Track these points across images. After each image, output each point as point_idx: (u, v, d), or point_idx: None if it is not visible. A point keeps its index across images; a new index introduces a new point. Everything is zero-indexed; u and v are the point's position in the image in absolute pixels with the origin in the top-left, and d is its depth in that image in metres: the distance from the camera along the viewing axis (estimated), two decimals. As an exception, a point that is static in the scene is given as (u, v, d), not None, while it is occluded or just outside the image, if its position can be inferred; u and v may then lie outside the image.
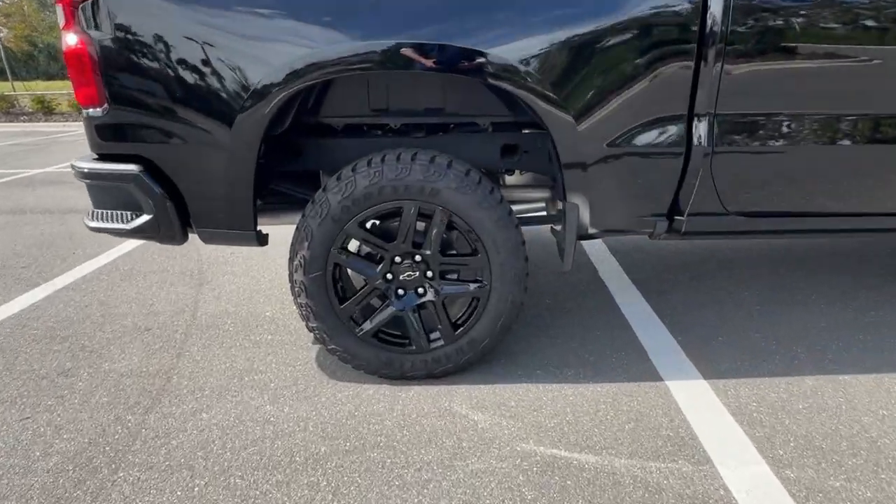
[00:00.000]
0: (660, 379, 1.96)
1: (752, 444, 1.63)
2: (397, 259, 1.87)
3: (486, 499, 1.45)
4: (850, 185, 1.86)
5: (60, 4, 1.69)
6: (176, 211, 1.82)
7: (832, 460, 1.56)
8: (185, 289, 2.89)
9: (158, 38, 1.64)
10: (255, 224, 1.87)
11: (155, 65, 1.66)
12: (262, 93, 1.67)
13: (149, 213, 1.83)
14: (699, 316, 2.43)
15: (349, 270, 1.97)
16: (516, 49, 1.64)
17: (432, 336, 1.95)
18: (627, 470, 1.54)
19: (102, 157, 1.84)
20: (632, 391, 1.90)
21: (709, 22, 1.62)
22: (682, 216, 1.90)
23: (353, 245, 1.91)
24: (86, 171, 1.82)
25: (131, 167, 1.77)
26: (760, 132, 1.76)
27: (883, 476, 1.50)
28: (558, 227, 2.01)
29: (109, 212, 1.89)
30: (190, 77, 1.68)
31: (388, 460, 1.60)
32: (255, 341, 2.32)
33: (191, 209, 1.84)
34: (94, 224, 1.91)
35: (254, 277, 3.02)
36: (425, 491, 1.48)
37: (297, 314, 2.07)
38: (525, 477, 1.52)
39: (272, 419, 1.79)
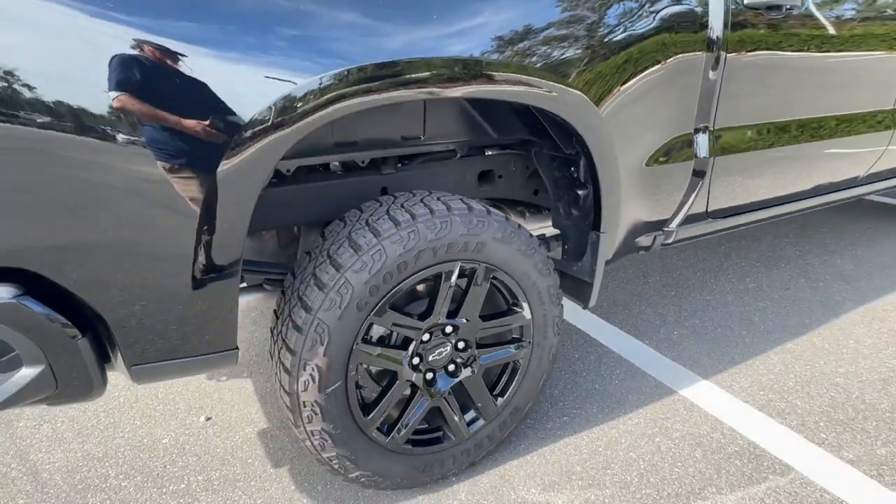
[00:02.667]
0: (674, 391, 1.95)
1: (801, 436, 1.72)
2: (424, 337, 1.44)
3: None
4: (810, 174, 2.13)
5: None
6: (93, 348, 1.06)
7: (855, 427, 1.75)
8: (-17, 438, 1.82)
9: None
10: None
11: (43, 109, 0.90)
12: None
13: (35, 365, 1.03)
14: (649, 315, 2.51)
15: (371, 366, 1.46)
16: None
17: (467, 417, 1.57)
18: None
19: None
20: (666, 414, 1.84)
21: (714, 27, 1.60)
22: (672, 226, 1.89)
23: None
24: None
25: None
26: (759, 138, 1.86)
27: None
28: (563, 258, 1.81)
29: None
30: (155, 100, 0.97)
31: None
32: None
33: (120, 340, 1.09)
34: None
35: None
36: None
37: (307, 442, 1.46)
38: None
39: None
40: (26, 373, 1.02)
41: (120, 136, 0.95)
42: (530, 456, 1.67)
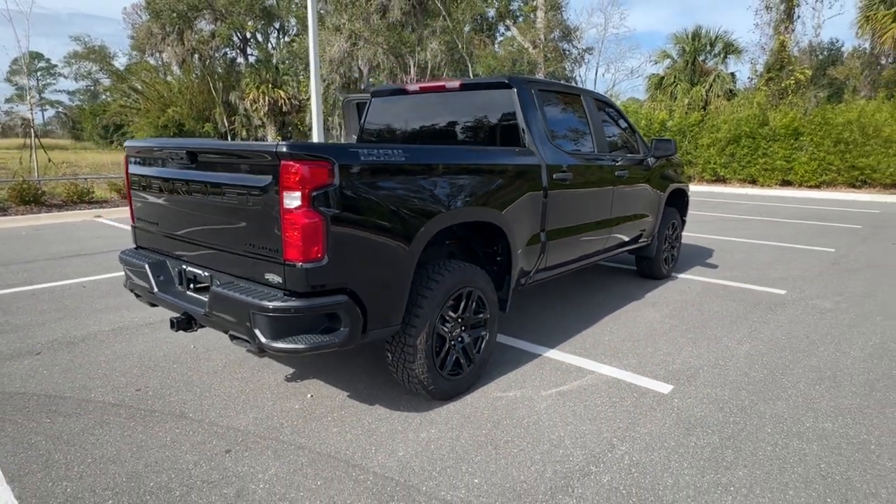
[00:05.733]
0: (539, 354, 3.98)
1: (595, 361, 3.86)
2: (452, 323, 3.24)
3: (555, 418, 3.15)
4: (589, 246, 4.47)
5: (298, 192, 2.38)
6: (363, 321, 2.67)
7: (616, 355, 3.96)
8: None
9: (377, 205, 2.62)
10: (397, 314, 2.91)
11: (369, 221, 2.60)
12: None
13: (345, 328, 2.60)
14: (515, 327, 4.54)
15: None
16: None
17: (466, 363, 3.36)
18: (584, 388, 3.50)
19: (305, 294, 2.49)
20: (540, 362, 3.85)
21: (544, 183, 3.81)
22: (532, 274, 4.00)
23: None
24: (301, 305, 2.45)
25: (341, 297, 2.55)
26: (562, 233, 4.10)
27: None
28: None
29: (306, 335, 2.52)
30: (393, 222, 2.71)
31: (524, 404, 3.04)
32: (332, 420, 3.04)
33: (370, 316, 2.70)
34: (289, 346, 2.48)
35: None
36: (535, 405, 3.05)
37: (405, 379, 3.06)
38: (578, 402, 3.28)
39: (438, 436, 2.87)
40: (343, 331, 2.59)
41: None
42: (493, 382, 3.50)
